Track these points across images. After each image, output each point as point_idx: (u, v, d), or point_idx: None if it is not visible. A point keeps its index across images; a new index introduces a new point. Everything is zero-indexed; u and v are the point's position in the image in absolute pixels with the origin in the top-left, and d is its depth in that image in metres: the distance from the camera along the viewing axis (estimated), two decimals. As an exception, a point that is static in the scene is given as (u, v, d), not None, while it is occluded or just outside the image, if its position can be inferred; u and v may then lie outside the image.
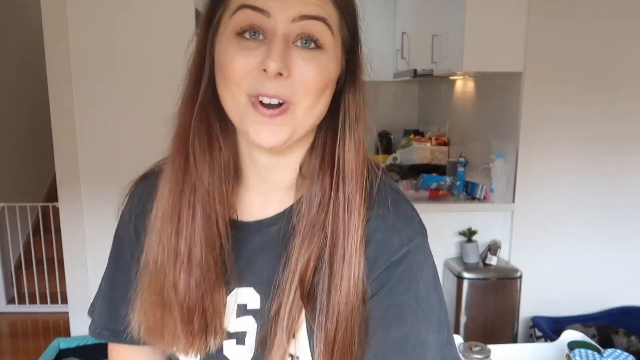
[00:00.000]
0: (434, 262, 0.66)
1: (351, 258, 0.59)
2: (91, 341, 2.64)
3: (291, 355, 0.62)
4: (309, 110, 0.58)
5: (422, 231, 0.65)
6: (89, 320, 0.76)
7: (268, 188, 0.66)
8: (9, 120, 3.89)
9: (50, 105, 2.53)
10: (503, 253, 2.74)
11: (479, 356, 1.10)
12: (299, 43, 0.56)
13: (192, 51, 0.63)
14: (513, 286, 2.61)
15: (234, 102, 0.58)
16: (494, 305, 2.61)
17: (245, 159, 0.66)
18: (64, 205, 2.61)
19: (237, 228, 0.65)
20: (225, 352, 0.65)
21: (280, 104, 0.57)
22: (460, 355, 0.68)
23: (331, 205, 0.60)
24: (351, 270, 0.59)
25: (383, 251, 0.61)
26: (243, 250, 0.65)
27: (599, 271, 2.76)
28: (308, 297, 0.60)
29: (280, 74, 0.55)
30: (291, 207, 0.64)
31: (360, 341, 0.60)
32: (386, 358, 0.59)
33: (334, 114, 0.62)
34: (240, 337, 0.65)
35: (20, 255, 3.77)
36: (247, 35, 0.56)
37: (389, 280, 0.61)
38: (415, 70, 3.37)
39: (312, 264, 0.60)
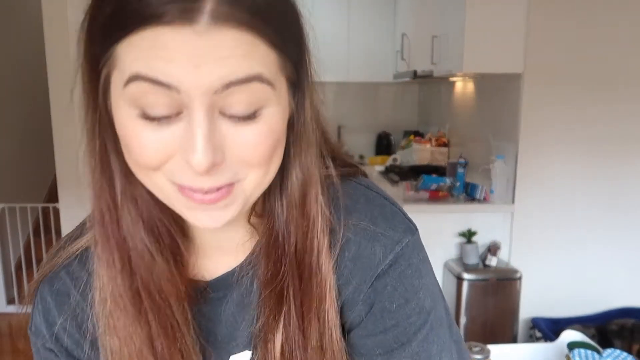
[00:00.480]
0: (428, 264, 0.56)
1: (319, 268, 0.50)
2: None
3: None
4: (259, 181, 0.46)
5: (410, 227, 0.53)
6: None
7: (224, 240, 0.55)
8: (9, 120, 3.89)
9: (51, 105, 2.53)
10: (503, 254, 2.74)
11: (479, 356, 1.11)
12: (228, 115, 0.42)
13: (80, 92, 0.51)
14: (513, 287, 2.61)
15: (156, 188, 0.46)
16: (493, 306, 2.61)
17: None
18: (64, 206, 2.61)
19: (208, 289, 0.55)
20: None
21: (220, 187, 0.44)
22: None
23: (291, 240, 0.51)
24: (322, 281, 0.50)
25: (362, 266, 0.51)
26: (221, 313, 0.56)
27: (599, 272, 2.76)
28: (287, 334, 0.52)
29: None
30: (253, 252, 0.54)
31: None
32: None
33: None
34: None
35: (20, 256, 3.77)
36: (151, 113, 0.41)
37: (379, 298, 0.51)
38: (415, 72, 3.38)
39: (280, 299, 0.51)
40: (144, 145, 0.42)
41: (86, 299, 0.54)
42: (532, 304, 2.73)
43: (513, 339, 2.66)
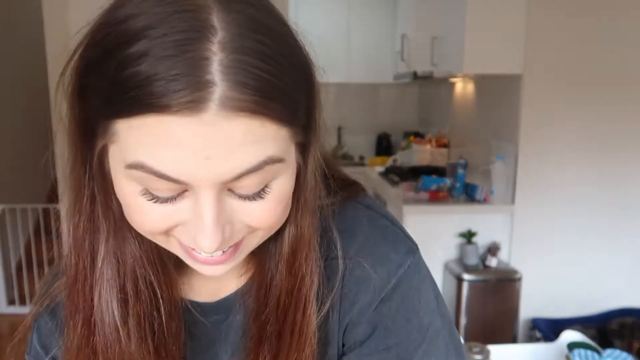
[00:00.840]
0: (431, 277, 0.56)
1: (303, 323, 0.50)
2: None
3: None
4: (265, 237, 0.46)
5: (412, 248, 0.54)
6: None
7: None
8: (9, 121, 3.89)
9: (51, 106, 2.53)
10: (503, 255, 2.74)
11: (479, 357, 1.11)
12: (237, 194, 0.41)
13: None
14: (513, 288, 2.61)
15: (158, 241, 0.45)
16: (493, 306, 2.61)
17: None
18: (65, 206, 2.61)
19: (197, 311, 0.54)
20: None
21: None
22: None
23: (276, 292, 0.50)
24: (303, 336, 0.50)
25: (366, 289, 0.51)
26: (210, 340, 0.55)
27: (599, 272, 2.76)
28: None
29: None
30: (255, 274, 0.53)
31: None
32: None
33: None
34: None
35: (21, 257, 3.77)
36: (156, 194, 0.40)
37: (382, 320, 0.52)
38: (415, 73, 3.38)
39: (259, 340, 0.51)
40: (148, 218, 0.41)
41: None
42: (532, 304, 2.73)
43: (513, 340, 2.66)
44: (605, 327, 2.62)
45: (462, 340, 0.65)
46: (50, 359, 0.55)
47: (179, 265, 0.51)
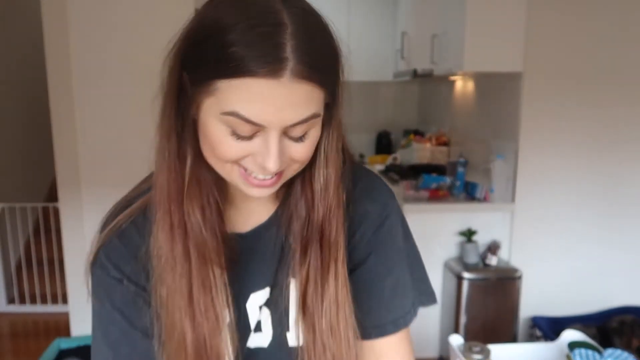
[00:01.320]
0: (403, 216, 0.78)
1: (337, 237, 0.68)
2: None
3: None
4: (298, 169, 0.65)
5: (393, 194, 0.78)
6: (89, 320, 0.75)
7: (256, 203, 0.72)
8: (9, 120, 3.89)
9: (51, 105, 2.53)
10: (503, 253, 2.74)
11: (479, 356, 1.10)
12: (288, 136, 0.59)
13: (162, 94, 0.62)
14: (513, 286, 2.61)
15: (224, 171, 0.62)
16: (494, 305, 2.61)
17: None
18: (64, 205, 2.61)
19: (236, 240, 0.70)
20: (248, 343, 0.73)
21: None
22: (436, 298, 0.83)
23: (315, 199, 0.68)
24: (338, 246, 0.68)
25: (366, 220, 0.74)
26: (245, 260, 0.70)
27: (599, 271, 2.76)
28: (308, 278, 0.69)
29: None
30: (278, 208, 0.72)
31: (357, 302, 0.70)
32: (387, 304, 0.73)
33: None
34: (257, 326, 0.73)
35: (20, 256, 3.77)
36: (240, 134, 0.57)
37: (377, 243, 0.74)
38: (415, 71, 3.37)
39: (305, 251, 0.68)
40: (230, 150, 0.58)
41: (147, 247, 0.67)
42: (532, 303, 2.73)
43: (513, 339, 2.66)
44: (605, 326, 2.62)
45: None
46: (122, 274, 0.69)
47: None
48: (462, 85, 3.46)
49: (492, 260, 2.63)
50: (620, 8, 2.55)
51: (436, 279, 2.76)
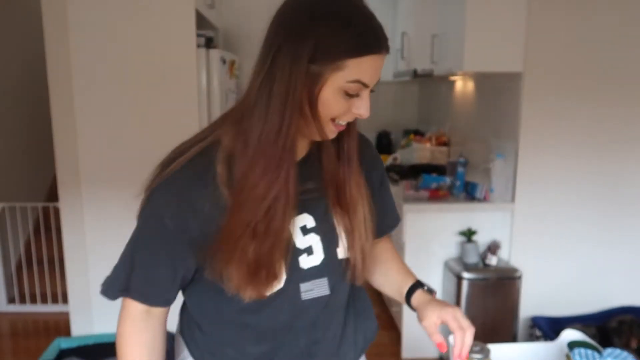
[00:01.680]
0: None
1: (358, 172, 0.94)
2: (91, 341, 2.64)
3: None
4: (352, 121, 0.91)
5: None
6: (89, 320, 0.78)
7: (305, 145, 0.94)
8: (9, 120, 3.89)
9: (51, 105, 2.53)
10: (503, 253, 2.74)
11: (479, 356, 1.10)
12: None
13: (270, 70, 0.79)
14: (513, 286, 2.61)
15: (319, 123, 0.82)
16: (494, 305, 2.61)
17: None
18: (65, 205, 2.61)
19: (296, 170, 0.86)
20: (301, 265, 0.90)
21: None
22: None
23: (344, 146, 0.92)
24: (360, 179, 0.94)
25: (374, 161, 1.05)
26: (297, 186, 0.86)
27: (599, 271, 2.76)
28: (343, 204, 0.92)
29: None
30: (318, 145, 0.93)
31: (376, 215, 0.97)
32: (392, 212, 1.11)
33: None
34: (309, 250, 0.90)
35: (20, 255, 3.77)
36: (351, 94, 0.81)
37: (382, 174, 1.07)
38: (415, 71, 3.37)
39: (339, 182, 0.92)
40: (340, 108, 0.81)
41: (207, 187, 0.82)
42: (532, 302, 2.73)
43: (513, 338, 2.66)
44: (605, 326, 2.62)
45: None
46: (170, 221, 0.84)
47: None
48: (462, 85, 3.46)
49: (492, 260, 2.63)
50: (620, 8, 2.55)
51: (436, 278, 2.77)
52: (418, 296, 1.00)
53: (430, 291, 1.01)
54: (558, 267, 2.74)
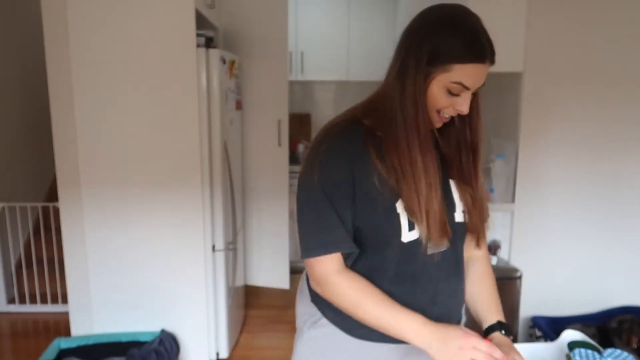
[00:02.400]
0: None
1: (478, 147, 1.13)
2: (91, 341, 2.64)
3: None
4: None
5: None
6: (89, 320, 0.77)
7: None
8: (9, 120, 3.89)
9: (51, 105, 2.53)
10: (503, 253, 2.74)
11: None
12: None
13: (400, 71, 1.04)
14: (513, 286, 2.61)
15: (432, 113, 1.03)
16: (494, 305, 2.61)
17: None
18: (64, 205, 2.61)
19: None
20: (457, 219, 1.11)
21: None
22: None
23: (465, 126, 1.12)
24: (478, 153, 1.13)
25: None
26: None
27: (599, 271, 2.76)
28: (462, 177, 1.13)
29: None
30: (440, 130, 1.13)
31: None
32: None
33: None
34: (457, 210, 1.12)
35: (20, 255, 3.77)
36: (454, 93, 1.00)
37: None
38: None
39: (460, 157, 1.13)
40: (443, 103, 1.01)
41: (366, 149, 1.04)
42: (532, 302, 2.73)
43: (513, 338, 2.66)
44: (605, 326, 2.62)
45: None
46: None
47: None
48: (462, 85, 3.46)
49: (492, 260, 2.63)
50: (620, 8, 2.54)
51: (436, 278, 2.76)
52: (495, 336, 1.16)
53: (507, 335, 1.16)
54: (558, 267, 2.74)
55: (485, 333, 1.15)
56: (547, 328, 2.59)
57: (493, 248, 2.65)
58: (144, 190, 2.57)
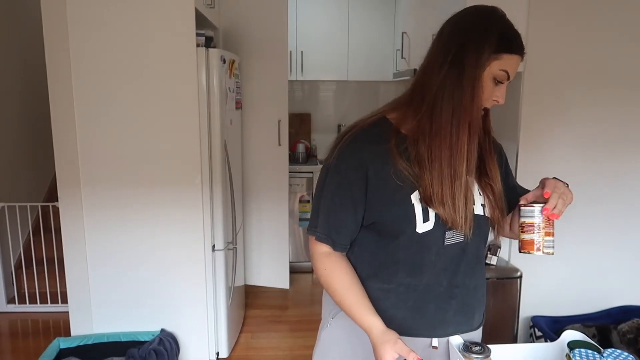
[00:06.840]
0: None
1: (492, 150, 1.23)
2: (91, 341, 2.64)
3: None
4: None
5: None
6: (89, 320, 0.77)
7: None
8: (9, 120, 3.89)
9: (51, 105, 2.53)
10: (503, 253, 2.74)
11: (479, 356, 1.10)
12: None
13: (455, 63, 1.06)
14: (513, 286, 2.61)
15: (480, 102, 1.09)
16: (494, 305, 2.61)
17: None
18: (64, 205, 2.61)
19: None
20: (476, 212, 1.14)
21: None
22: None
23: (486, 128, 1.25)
24: (494, 155, 1.23)
25: (500, 150, 1.34)
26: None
27: (599, 271, 2.76)
28: (483, 172, 1.19)
29: None
30: None
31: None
32: (519, 187, 1.36)
33: None
34: (476, 203, 1.15)
35: (20, 255, 3.77)
36: (499, 81, 1.08)
37: (506, 159, 1.35)
38: (415, 70, 3.36)
39: (483, 155, 1.20)
40: (488, 92, 1.09)
41: (387, 143, 1.11)
42: (532, 302, 2.73)
43: (513, 338, 2.66)
44: (605, 326, 2.62)
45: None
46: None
47: None
48: (462, 85, 3.45)
49: (492, 260, 2.63)
50: (620, 8, 2.54)
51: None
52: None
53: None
54: (558, 267, 2.74)
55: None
56: (547, 328, 2.59)
57: (493, 248, 2.65)
58: (143, 190, 2.57)
